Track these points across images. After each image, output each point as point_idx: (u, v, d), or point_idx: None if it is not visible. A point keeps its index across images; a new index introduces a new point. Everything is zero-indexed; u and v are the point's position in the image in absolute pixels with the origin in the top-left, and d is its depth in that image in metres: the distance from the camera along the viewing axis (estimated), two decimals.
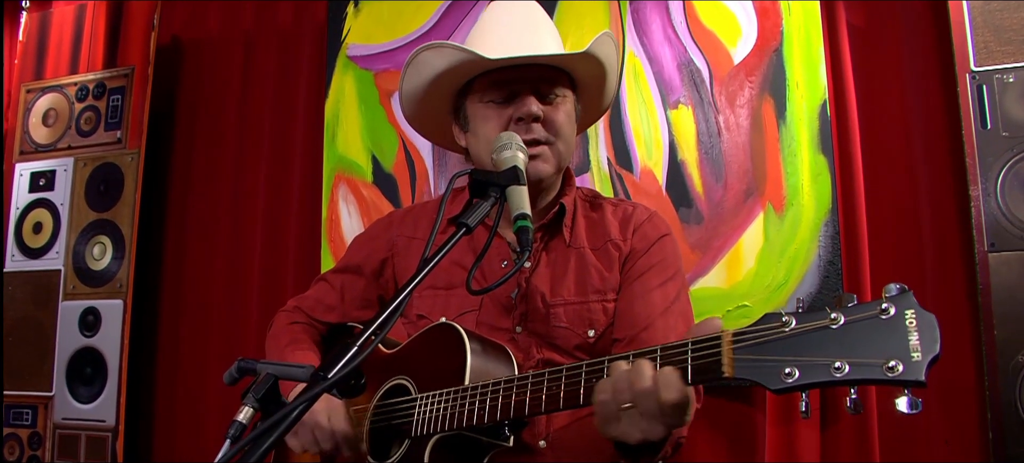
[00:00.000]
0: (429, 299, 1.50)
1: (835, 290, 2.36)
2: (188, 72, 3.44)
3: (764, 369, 0.86)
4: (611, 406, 0.99)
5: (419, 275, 1.02)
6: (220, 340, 3.13)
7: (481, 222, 1.15)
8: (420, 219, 1.62)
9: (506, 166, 1.28)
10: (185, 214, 3.30)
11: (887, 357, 0.79)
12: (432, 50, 1.42)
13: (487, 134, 1.42)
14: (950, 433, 2.32)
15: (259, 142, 3.24)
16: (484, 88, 1.44)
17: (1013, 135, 2.25)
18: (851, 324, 0.83)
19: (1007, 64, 2.28)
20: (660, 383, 0.95)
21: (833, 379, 0.82)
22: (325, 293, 1.65)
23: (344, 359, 0.88)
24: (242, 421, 0.92)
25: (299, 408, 0.83)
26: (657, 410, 0.96)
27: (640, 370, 0.97)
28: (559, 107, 1.43)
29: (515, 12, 1.49)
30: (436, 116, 1.57)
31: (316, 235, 2.98)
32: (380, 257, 1.61)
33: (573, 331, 1.40)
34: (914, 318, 0.80)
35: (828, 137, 2.43)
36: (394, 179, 2.89)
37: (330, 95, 2.99)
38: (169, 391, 3.19)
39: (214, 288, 3.19)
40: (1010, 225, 2.22)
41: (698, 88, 2.60)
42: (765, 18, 2.55)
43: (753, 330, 0.88)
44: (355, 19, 3.01)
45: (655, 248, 1.44)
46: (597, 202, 1.54)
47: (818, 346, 0.84)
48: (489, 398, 1.12)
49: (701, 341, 0.93)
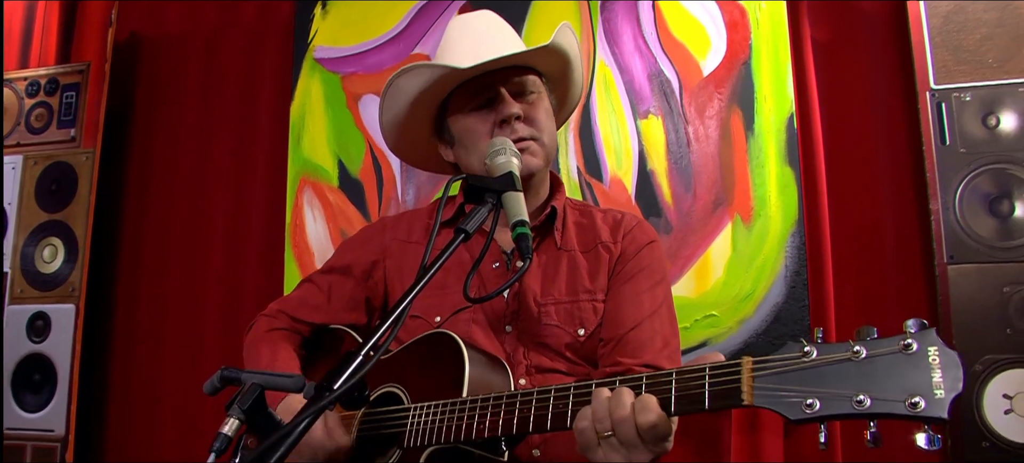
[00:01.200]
0: (422, 298, 1.46)
1: (801, 301, 2.40)
2: (146, 70, 3.34)
3: (784, 398, 0.86)
4: (590, 434, 1.00)
5: (420, 282, 1.01)
6: (177, 347, 3.04)
7: (479, 228, 1.14)
8: (414, 223, 1.62)
9: (501, 172, 1.28)
10: (142, 216, 3.20)
11: (910, 393, 0.80)
12: (405, 75, 1.44)
13: (475, 143, 1.44)
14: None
15: (220, 143, 3.16)
16: (463, 99, 1.47)
17: (970, 151, 2.33)
18: (873, 358, 0.83)
19: (964, 83, 2.36)
20: (637, 408, 0.96)
21: (855, 412, 0.82)
22: (310, 293, 1.61)
23: (348, 370, 0.85)
24: (228, 434, 0.87)
25: (305, 422, 0.80)
26: (636, 437, 0.96)
27: (619, 398, 0.98)
28: (537, 104, 1.47)
29: (476, 23, 1.54)
30: (420, 140, 1.59)
31: (279, 240, 2.91)
32: (371, 259, 1.60)
33: (564, 329, 1.41)
34: (937, 355, 0.81)
35: (795, 149, 2.48)
36: (361, 184, 2.85)
37: (296, 97, 2.94)
38: (122, 400, 3.08)
39: (171, 293, 3.09)
40: (968, 238, 2.28)
41: (668, 98, 2.63)
42: (734, 31, 2.59)
43: (775, 359, 0.88)
44: (323, 21, 2.96)
45: (644, 252, 1.46)
46: (586, 210, 1.58)
47: (840, 378, 0.84)
48: (490, 413, 1.10)
49: (720, 366, 0.93)
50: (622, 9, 2.71)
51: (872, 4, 2.63)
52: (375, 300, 1.60)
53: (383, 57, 2.91)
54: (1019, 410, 2.16)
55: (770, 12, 2.56)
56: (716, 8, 2.62)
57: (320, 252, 2.82)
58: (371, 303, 1.61)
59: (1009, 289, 2.23)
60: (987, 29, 2.36)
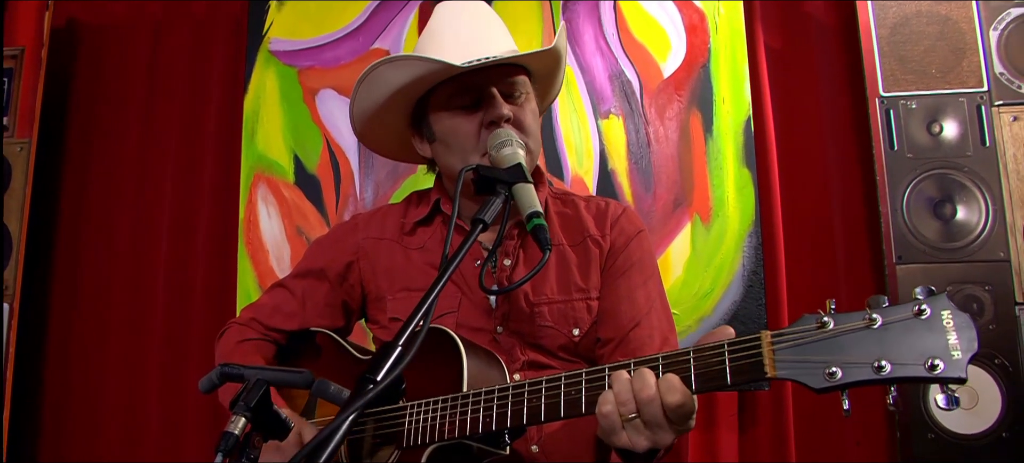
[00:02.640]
0: (404, 301, 1.44)
1: (758, 300, 2.46)
2: (85, 58, 3.18)
3: (806, 369, 0.88)
4: (614, 418, 0.98)
5: (445, 274, 0.98)
6: (118, 349, 2.90)
7: (495, 218, 1.12)
8: (387, 220, 1.55)
9: (508, 163, 1.25)
10: (80, 211, 3.04)
11: (928, 356, 0.83)
12: (389, 66, 1.37)
13: (459, 143, 1.39)
14: (861, 435, 2.47)
15: (167, 137, 3.04)
16: (448, 95, 1.40)
17: (917, 156, 2.43)
18: (889, 324, 0.86)
19: (910, 91, 2.47)
20: (662, 388, 0.95)
21: (876, 378, 0.84)
22: (284, 300, 1.55)
23: (389, 362, 0.82)
24: (235, 433, 0.83)
25: (351, 416, 0.76)
26: (663, 417, 0.96)
27: (642, 378, 0.97)
28: (525, 106, 1.42)
29: (465, 13, 1.46)
30: (393, 131, 1.52)
31: (231, 236, 2.82)
32: (345, 260, 1.53)
33: (558, 330, 1.38)
34: (951, 318, 0.84)
35: (752, 151, 2.55)
36: (317, 180, 2.78)
37: (250, 90, 2.85)
38: (58, 404, 2.92)
39: (112, 292, 2.95)
40: (915, 239, 2.39)
41: (629, 99, 2.66)
42: (694, 35, 2.64)
43: (794, 331, 0.90)
44: (278, 13, 2.88)
45: (634, 244, 1.44)
46: (568, 198, 1.53)
47: (859, 346, 0.86)
48: (495, 405, 1.08)
49: (740, 341, 0.93)
50: (583, 9, 2.73)
51: (824, 14, 2.73)
52: (352, 302, 1.55)
53: (340, 52, 2.85)
54: (962, 403, 2.26)
55: (728, 17, 2.62)
56: (676, 11, 2.67)
57: (275, 249, 2.74)
58: (348, 306, 1.55)
59: (952, 288, 2.33)
60: (930, 41, 2.48)
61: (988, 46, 2.44)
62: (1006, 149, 2.39)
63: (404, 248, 1.50)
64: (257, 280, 2.72)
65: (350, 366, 1.42)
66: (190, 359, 2.84)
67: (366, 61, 2.80)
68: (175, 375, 2.85)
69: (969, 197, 2.38)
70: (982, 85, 2.43)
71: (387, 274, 1.49)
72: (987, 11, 2.46)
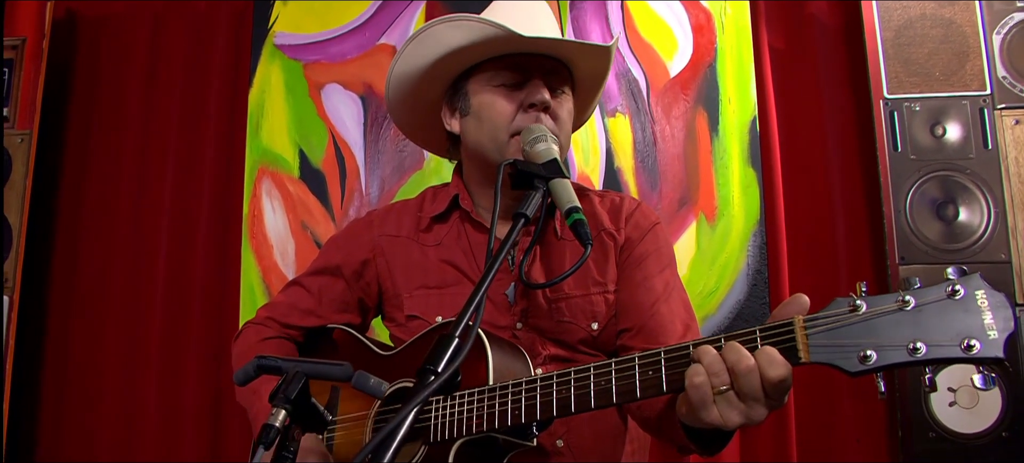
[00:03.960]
0: (421, 299, 1.44)
1: (762, 299, 2.48)
2: (85, 50, 3.15)
3: (841, 352, 0.87)
4: (705, 389, 0.93)
5: (492, 269, 0.98)
6: (118, 342, 2.88)
7: (535, 213, 1.12)
8: (403, 217, 1.55)
9: (544, 158, 1.25)
10: (81, 203, 3.02)
11: (964, 336, 0.82)
12: (447, 25, 1.34)
13: (493, 120, 1.38)
14: (861, 432, 2.49)
15: (167, 130, 3.01)
16: (495, 70, 1.39)
17: (920, 158, 2.46)
18: (922, 306, 0.84)
19: (914, 94, 2.50)
20: (762, 361, 0.91)
21: (912, 360, 0.84)
22: (300, 297, 1.54)
23: (447, 354, 0.82)
24: (277, 425, 0.83)
25: (415, 408, 0.76)
26: (760, 391, 0.92)
27: (737, 350, 0.93)
28: (563, 103, 1.42)
29: (525, 3, 1.46)
30: (424, 101, 1.50)
31: (234, 231, 2.80)
32: (361, 258, 1.53)
33: (577, 325, 1.38)
34: (986, 298, 0.82)
35: (757, 151, 2.56)
36: (323, 175, 2.78)
37: (255, 84, 2.83)
38: (57, 396, 2.90)
39: (112, 285, 2.93)
40: (917, 240, 2.41)
41: (635, 98, 2.67)
42: (700, 35, 2.65)
43: (825, 315, 0.89)
44: (284, 7, 2.87)
45: (649, 236, 1.44)
46: (583, 193, 1.52)
47: (893, 329, 0.85)
48: (524, 398, 1.07)
49: (771, 327, 0.92)
50: (591, 8, 2.73)
51: (828, 16, 2.74)
52: (368, 300, 1.55)
53: (346, 47, 2.84)
54: (962, 402, 2.29)
55: (734, 17, 2.64)
56: (683, 10, 2.68)
57: (279, 244, 2.73)
58: (364, 303, 1.55)
59: None
60: (933, 44, 2.51)
61: (991, 50, 2.47)
62: (1008, 152, 2.42)
63: (420, 245, 1.50)
64: (261, 275, 2.71)
65: (369, 361, 1.42)
66: (189, 354, 2.82)
67: (372, 56, 2.82)
68: (174, 370, 2.83)
69: (971, 199, 2.41)
70: (985, 88, 2.46)
71: (404, 272, 1.49)
72: (990, 15, 2.49)
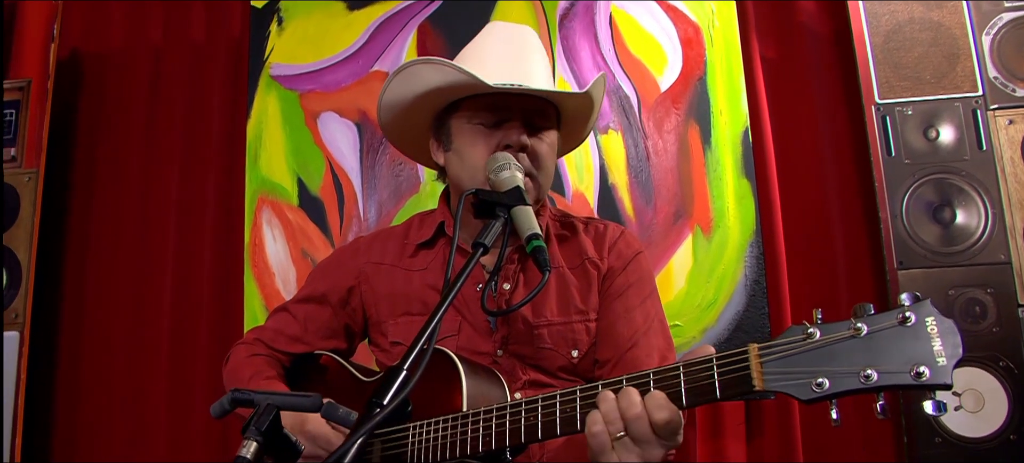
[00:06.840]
0: (404, 325, 1.46)
1: (761, 309, 2.47)
2: (89, 88, 3.22)
3: (794, 380, 0.89)
4: (604, 437, 0.99)
5: (447, 298, 1.00)
6: (125, 375, 2.92)
7: (495, 241, 1.14)
8: (387, 244, 1.58)
9: (507, 186, 1.27)
10: (87, 239, 3.07)
11: (914, 363, 0.84)
12: (427, 66, 1.39)
13: (472, 157, 1.41)
14: (867, 438, 2.47)
15: (169, 163, 3.07)
16: (474, 109, 1.43)
17: (914, 162, 2.45)
18: (875, 333, 0.86)
19: (905, 98, 2.49)
20: (650, 406, 0.96)
21: (863, 387, 0.85)
22: (286, 323, 1.57)
23: (395, 386, 0.84)
24: (248, 457, 0.86)
25: (359, 440, 0.78)
26: (650, 434, 0.97)
27: (629, 396, 0.98)
28: (543, 139, 1.44)
29: (512, 37, 1.50)
30: (416, 128, 1.54)
31: (236, 260, 2.84)
32: (347, 285, 1.56)
33: (557, 352, 1.39)
34: (935, 325, 0.85)
35: (751, 162, 2.57)
36: (321, 202, 2.81)
37: (252, 115, 2.88)
38: (69, 430, 2.94)
39: (119, 318, 2.97)
40: (915, 244, 2.40)
41: (627, 114, 2.68)
42: (689, 48, 2.67)
43: (780, 343, 0.91)
44: (279, 38, 2.92)
45: (632, 266, 1.45)
46: (567, 221, 1.55)
47: (846, 356, 0.87)
48: (495, 424, 1.09)
49: (728, 355, 0.94)
50: (580, 26, 2.76)
51: (817, 23, 2.75)
52: (354, 325, 1.57)
53: (341, 75, 2.89)
54: (967, 406, 2.27)
55: (723, 29, 2.65)
56: (671, 25, 2.70)
57: (281, 272, 2.76)
58: (350, 329, 1.58)
59: (954, 292, 2.35)
60: (923, 48, 2.51)
61: (981, 50, 2.46)
62: (1003, 152, 2.41)
63: (405, 271, 1.52)
64: (264, 303, 2.74)
65: (353, 387, 1.44)
66: (196, 385, 2.85)
67: (366, 84, 2.86)
68: (182, 402, 2.86)
69: (968, 201, 2.40)
70: (977, 89, 2.45)
71: (388, 299, 1.51)
72: (979, 16, 2.49)
